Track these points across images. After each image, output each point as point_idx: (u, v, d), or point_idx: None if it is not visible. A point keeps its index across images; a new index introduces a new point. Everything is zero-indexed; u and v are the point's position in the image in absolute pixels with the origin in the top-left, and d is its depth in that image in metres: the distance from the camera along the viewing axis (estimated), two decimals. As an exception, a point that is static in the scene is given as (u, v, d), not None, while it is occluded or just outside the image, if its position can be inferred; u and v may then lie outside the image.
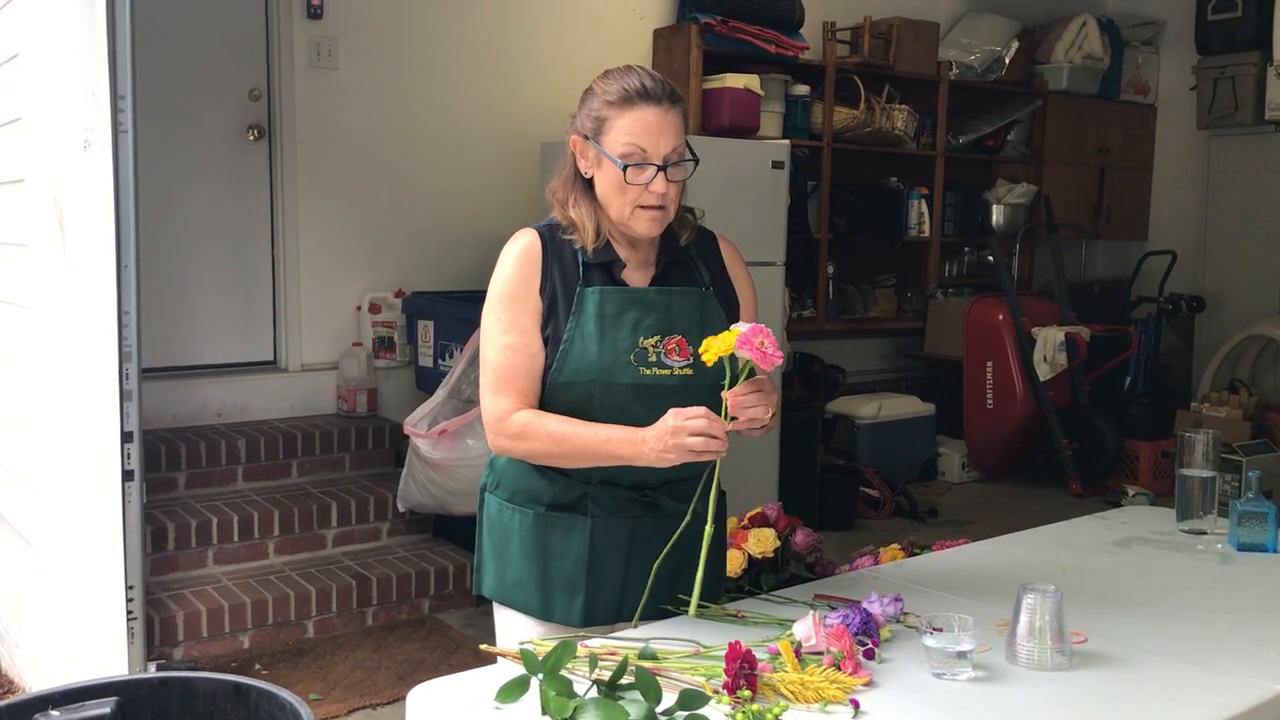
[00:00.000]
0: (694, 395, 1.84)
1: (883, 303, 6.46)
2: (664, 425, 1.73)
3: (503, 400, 1.86)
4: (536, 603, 1.94)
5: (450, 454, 4.01)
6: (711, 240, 2.03)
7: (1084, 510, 2.84)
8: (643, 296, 1.90)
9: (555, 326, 1.87)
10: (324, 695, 3.42)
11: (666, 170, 1.83)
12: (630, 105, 1.83)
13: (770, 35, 5.52)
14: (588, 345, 1.85)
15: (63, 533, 3.15)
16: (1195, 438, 2.37)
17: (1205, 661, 1.72)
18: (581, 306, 1.87)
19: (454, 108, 5.16)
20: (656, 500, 1.94)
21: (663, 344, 1.88)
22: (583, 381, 1.84)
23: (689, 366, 1.88)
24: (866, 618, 1.73)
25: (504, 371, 1.87)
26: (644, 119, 1.82)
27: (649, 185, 1.83)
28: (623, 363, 1.85)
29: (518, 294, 1.88)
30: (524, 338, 1.87)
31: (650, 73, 1.87)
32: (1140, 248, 7.26)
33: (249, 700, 1.52)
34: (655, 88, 1.84)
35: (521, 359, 1.86)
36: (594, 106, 1.87)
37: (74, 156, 3.04)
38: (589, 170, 1.89)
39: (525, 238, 1.92)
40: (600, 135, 1.85)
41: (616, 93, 1.84)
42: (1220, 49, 6.75)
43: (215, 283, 4.81)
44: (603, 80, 1.88)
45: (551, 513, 1.92)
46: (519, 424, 1.84)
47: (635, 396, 1.85)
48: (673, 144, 1.84)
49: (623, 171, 1.82)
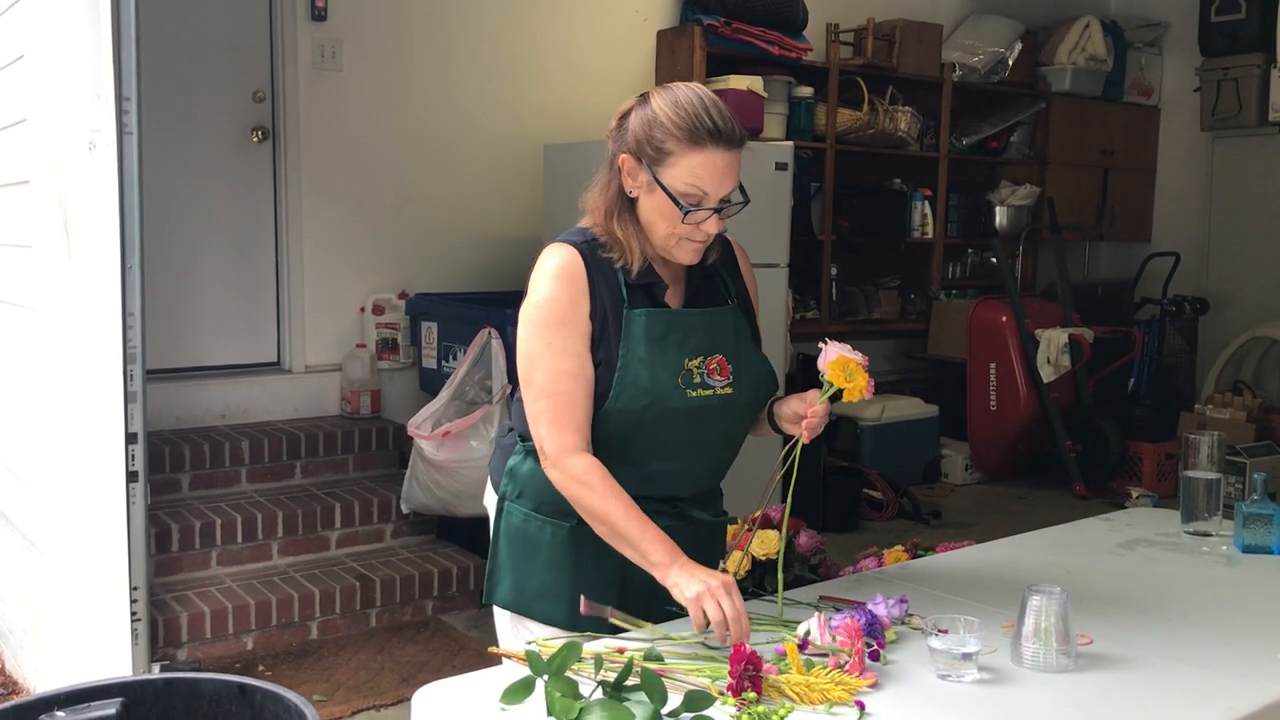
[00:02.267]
0: (735, 412, 1.87)
1: (886, 304, 6.46)
2: (702, 578, 1.68)
3: (564, 435, 1.79)
4: (563, 613, 1.89)
5: (454, 455, 4.01)
6: (729, 250, 2.00)
7: (1088, 512, 2.84)
8: (686, 318, 1.87)
9: (608, 352, 1.82)
10: (328, 696, 3.42)
11: (720, 211, 1.79)
12: (699, 146, 1.75)
13: (773, 37, 5.52)
14: (640, 371, 1.81)
15: (67, 534, 3.15)
16: (1199, 439, 2.36)
17: (1211, 664, 1.72)
18: (629, 330, 1.82)
19: (458, 109, 5.17)
20: (686, 511, 1.94)
21: (705, 364, 1.86)
22: (636, 409, 1.81)
23: (729, 385, 1.87)
24: (871, 619, 1.73)
25: (562, 400, 1.79)
26: (711, 162, 1.75)
27: (701, 224, 1.79)
28: (672, 386, 1.82)
29: (567, 316, 1.81)
30: (578, 362, 1.80)
31: (720, 107, 1.77)
32: (1144, 249, 7.24)
33: (254, 701, 1.52)
34: (727, 129, 1.76)
35: (579, 386, 1.80)
36: (656, 135, 1.76)
37: (79, 158, 3.05)
38: (635, 191, 1.82)
39: (565, 255, 1.84)
40: (660, 166, 1.77)
41: (687, 129, 1.74)
42: (1224, 50, 6.75)
43: (219, 284, 4.82)
44: (669, 107, 1.77)
45: (584, 527, 1.85)
46: (580, 474, 1.78)
47: (683, 420, 1.84)
48: (732, 186, 1.79)
49: (682, 214, 1.77)
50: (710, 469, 1.98)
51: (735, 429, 1.94)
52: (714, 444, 1.92)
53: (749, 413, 1.89)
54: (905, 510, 5.53)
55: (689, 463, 1.91)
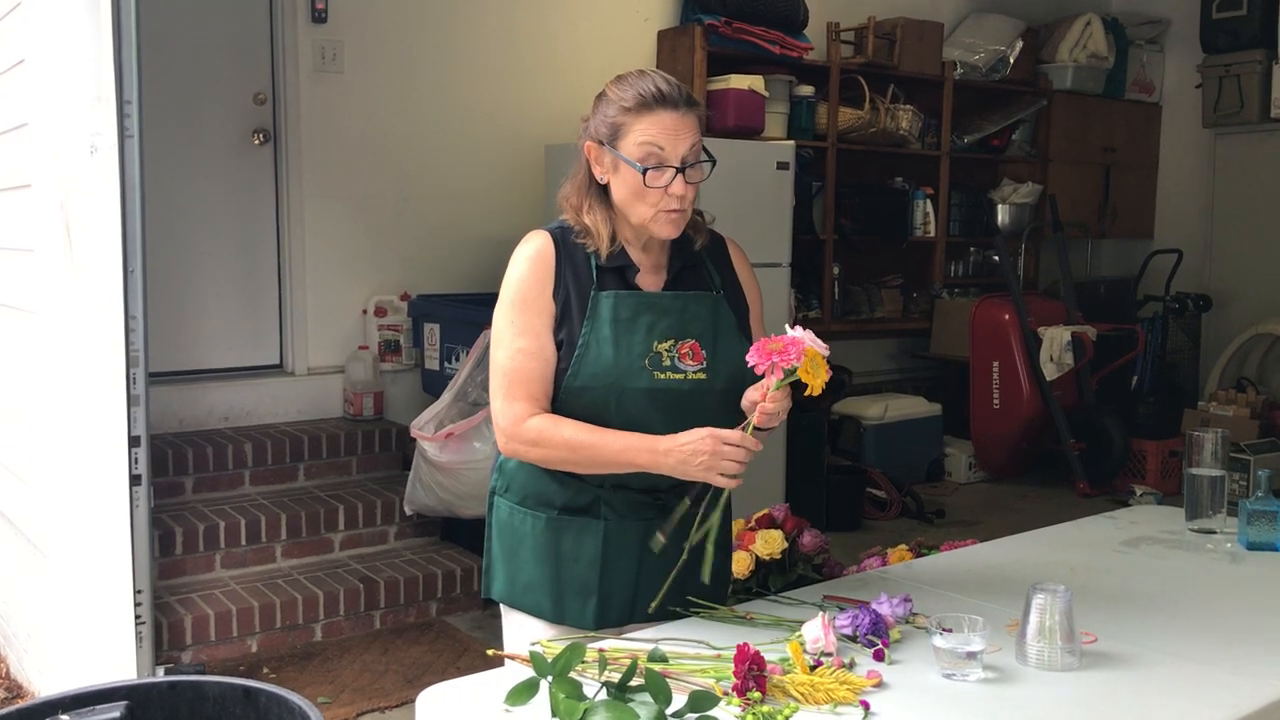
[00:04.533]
0: (707, 399, 1.87)
1: (888, 303, 6.46)
2: (696, 440, 1.74)
3: (516, 405, 1.85)
4: (549, 606, 1.94)
5: (457, 457, 4.01)
6: (721, 244, 2.03)
7: (1092, 510, 2.84)
8: (656, 301, 1.90)
9: (569, 331, 1.86)
10: (332, 698, 3.42)
11: (685, 171, 1.83)
12: (647, 110, 1.82)
13: (774, 36, 5.52)
14: (603, 350, 1.85)
15: (71, 537, 3.16)
16: (1203, 437, 2.36)
17: (1216, 661, 1.72)
18: (596, 311, 1.86)
19: (459, 110, 5.17)
20: (668, 503, 1.93)
21: (676, 348, 1.88)
22: (598, 387, 1.84)
23: (702, 370, 1.88)
24: (876, 619, 1.73)
25: (517, 375, 1.86)
26: (661, 122, 1.82)
27: (668, 188, 1.83)
28: (637, 367, 1.85)
29: (530, 297, 1.87)
30: (537, 341, 1.86)
31: (665, 76, 1.86)
32: (1146, 246, 7.24)
33: (258, 704, 1.52)
34: (671, 91, 1.83)
35: (535, 363, 1.86)
36: (609, 113, 1.86)
37: (80, 162, 3.05)
38: (604, 176, 1.89)
39: (537, 240, 1.92)
40: (617, 140, 1.85)
41: (633, 98, 1.83)
42: (1225, 47, 6.74)
43: (221, 287, 4.82)
44: (617, 86, 1.87)
45: (564, 516, 1.92)
46: (534, 429, 1.84)
47: (650, 401, 1.85)
48: (690, 145, 1.84)
49: (642, 175, 1.82)
50: None
51: (712, 416, 1.90)
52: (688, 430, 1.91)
53: (727, 400, 1.88)
54: (909, 509, 5.52)
55: None
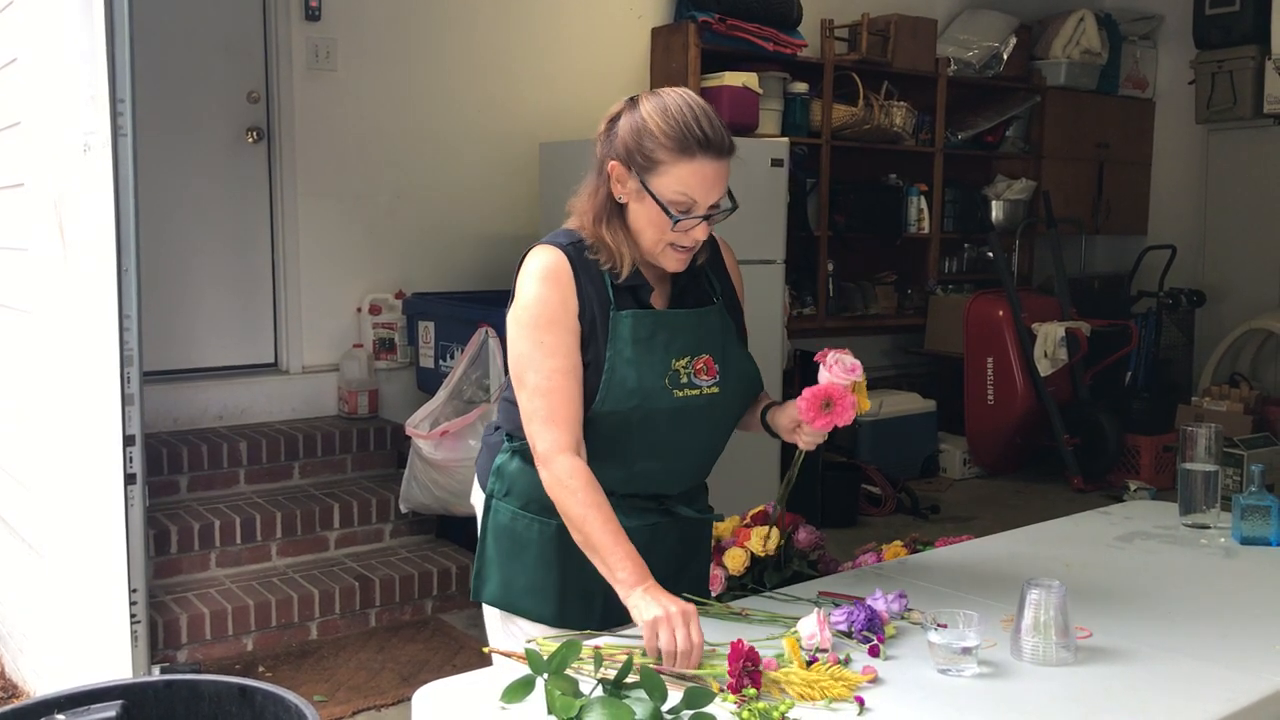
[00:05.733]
0: (719, 411, 1.88)
1: (883, 300, 6.46)
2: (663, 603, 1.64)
3: (559, 432, 1.78)
4: (551, 609, 1.92)
5: (452, 455, 4.01)
6: (716, 249, 2.01)
7: (1086, 505, 2.85)
8: (672, 319, 1.87)
9: (595, 353, 1.82)
10: (328, 697, 3.42)
11: (709, 218, 1.80)
12: (689, 156, 1.75)
13: (768, 33, 5.52)
14: (627, 372, 1.82)
15: (65, 537, 3.15)
16: (1197, 432, 2.37)
17: (1210, 656, 1.72)
18: (617, 331, 1.82)
19: (453, 108, 5.16)
20: (673, 508, 1.95)
21: (692, 364, 1.86)
22: (624, 410, 1.82)
23: (715, 385, 1.88)
24: (871, 614, 1.73)
25: (557, 398, 1.79)
26: (701, 172, 1.76)
27: (689, 231, 1.80)
28: (659, 387, 1.83)
29: (557, 316, 1.81)
30: (570, 361, 1.81)
31: (710, 116, 1.78)
32: (1140, 242, 7.25)
33: (254, 703, 1.52)
34: (716, 139, 1.76)
35: (571, 384, 1.80)
36: (647, 145, 1.77)
37: (74, 160, 3.04)
38: (624, 197, 1.82)
39: (551, 256, 1.84)
40: (649, 175, 1.77)
41: (676, 139, 1.75)
42: (1218, 43, 6.74)
43: (215, 285, 4.81)
44: (659, 116, 1.77)
45: None
46: (567, 478, 1.76)
47: (670, 421, 1.84)
48: (720, 194, 1.80)
49: (671, 220, 1.77)
50: (696, 466, 1.99)
51: (721, 427, 1.94)
52: (700, 442, 1.93)
53: (734, 411, 1.90)
54: (903, 505, 5.53)
55: (676, 461, 1.92)
